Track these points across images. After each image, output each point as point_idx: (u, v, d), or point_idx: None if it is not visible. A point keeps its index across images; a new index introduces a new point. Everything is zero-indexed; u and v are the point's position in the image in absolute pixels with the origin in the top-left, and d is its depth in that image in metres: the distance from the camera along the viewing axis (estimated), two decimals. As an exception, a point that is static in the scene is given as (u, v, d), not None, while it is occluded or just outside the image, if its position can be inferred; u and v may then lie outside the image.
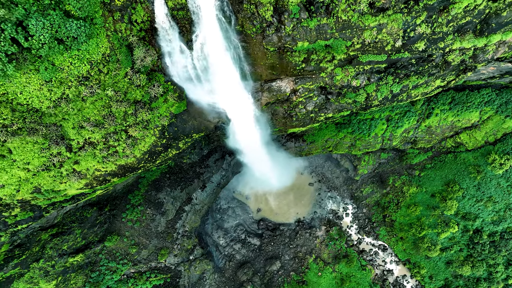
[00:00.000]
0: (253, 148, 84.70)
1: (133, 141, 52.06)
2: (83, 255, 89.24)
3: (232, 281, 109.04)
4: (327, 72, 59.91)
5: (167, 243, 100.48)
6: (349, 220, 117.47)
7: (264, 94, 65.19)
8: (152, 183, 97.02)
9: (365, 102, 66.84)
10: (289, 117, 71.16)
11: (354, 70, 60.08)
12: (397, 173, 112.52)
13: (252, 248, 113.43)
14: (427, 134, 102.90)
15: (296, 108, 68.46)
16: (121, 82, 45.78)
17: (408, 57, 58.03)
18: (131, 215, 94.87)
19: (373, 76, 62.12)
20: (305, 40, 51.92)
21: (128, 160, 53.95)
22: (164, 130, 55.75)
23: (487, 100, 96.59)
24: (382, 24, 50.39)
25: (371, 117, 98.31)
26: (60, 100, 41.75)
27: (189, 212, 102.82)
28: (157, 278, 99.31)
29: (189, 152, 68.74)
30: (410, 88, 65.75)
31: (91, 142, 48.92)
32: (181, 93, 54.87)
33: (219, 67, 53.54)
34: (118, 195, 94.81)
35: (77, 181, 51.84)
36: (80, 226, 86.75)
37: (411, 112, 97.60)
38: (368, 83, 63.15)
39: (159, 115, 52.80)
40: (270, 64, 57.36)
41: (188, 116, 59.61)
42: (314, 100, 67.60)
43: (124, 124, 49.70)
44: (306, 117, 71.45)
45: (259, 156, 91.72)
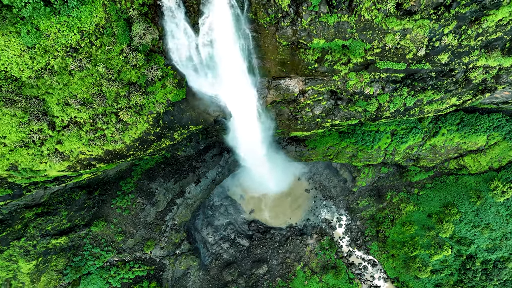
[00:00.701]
0: (253, 148, 78.91)
1: (124, 126, 46.26)
2: (67, 237, 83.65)
3: (216, 280, 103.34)
4: (340, 76, 54.09)
5: (155, 235, 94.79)
6: (341, 231, 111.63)
7: (271, 92, 59.34)
8: (146, 172, 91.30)
9: (376, 113, 60.95)
10: (294, 119, 65.14)
11: (369, 77, 54.19)
12: (395, 189, 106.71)
13: (240, 249, 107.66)
14: (431, 153, 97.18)
15: (302, 110, 62.54)
16: (115, 59, 39.96)
17: (428, 69, 52.19)
18: (121, 202, 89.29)
19: (388, 85, 56.27)
20: (322, 38, 46.15)
21: (117, 146, 48.14)
22: (158, 118, 49.89)
23: (496, 125, 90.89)
24: (407, 29, 44.61)
25: (376, 129, 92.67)
26: (43, 70, 36.03)
27: (180, 206, 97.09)
28: (140, 269, 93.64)
29: (184, 144, 62.78)
30: (424, 103, 59.88)
31: (77, 122, 43.16)
32: (181, 80, 49.02)
33: (226, 57, 47.74)
34: (110, 180, 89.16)
35: (59, 163, 46.08)
36: (67, 208, 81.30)
37: (418, 128, 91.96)
38: (382, 93, 57.30)
39: (154, 100, 46.94)
40: (281, 60, 51.55)
41: (186, 105, 53.74)
42: (323, 104, 61.66)
43: (115, 106, 43.88)
44: (311, 121, 65.47)
45: (258, 156, 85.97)
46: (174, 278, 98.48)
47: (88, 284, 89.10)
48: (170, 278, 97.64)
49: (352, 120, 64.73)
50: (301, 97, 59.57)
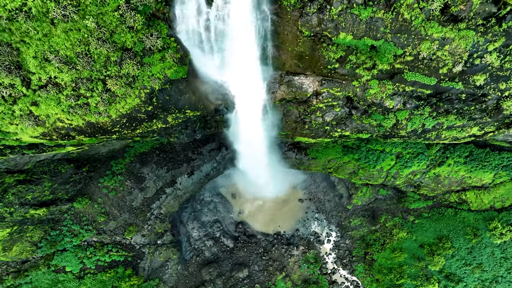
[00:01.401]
0: (253, 147, 71.19)
1: (111, 97, 38.73)
2: (47, 210, 76.39)
3: (194, 277, 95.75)
4: (361, 82, 46.68)
5: (138, 221, 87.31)
6: (329, 247, 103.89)
7: (282, 87, 51.76)
8: (139, 155, 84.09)
9: (391, 130, 53.38)
10: (301, 123, 57.41)
11: (392, 88, 46.73)
12: (391, 213, 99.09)
13: (223, 249, 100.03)
14: (434, 182, 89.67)
15: (313, 114, 54.88)
16: (109, 16, 32.49)
17: (459, 90, 44.75)
18: (108, 182, 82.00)
19: (410, 101, 48.82)
20: (350, 33, 38.73)
21: (100, 119, 40.58)
22: (152, 95, 42.22)
23: (506, 165, 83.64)
24: (447, 39, 37.16)
25: (382, 149, 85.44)
26: (18, 12, 28.35)
27: (169, 195, 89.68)
28: (118, 254, 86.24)
29: (179, 130, 55.03)
30: (443, 128, 52.41)
31: (57, 83, 35.67)
32: (184, 56, 41.38)
33: (238, 38, 40.07)
34: (101, 158, 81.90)
35: (32, 127, 38.55)
36: (51, 179, 74.21)
37: (424, 155, 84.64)
38: (402, 108, 49.78)
39: (150, 74, 39.31)
40: (299, 53, 44.11)
41: (186, 87, 46.04)
42: (336, 111, 54.02)
43: (103, 73, 36.36)
44: (320, 128, 57.82)
45: (257, 157, 78.41)
46: (151, 268, 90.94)
47: (61, 261, 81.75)
48: (147, 268, 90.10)
49: (364, 134, 57.01)
50: (314, 99, 51.96)
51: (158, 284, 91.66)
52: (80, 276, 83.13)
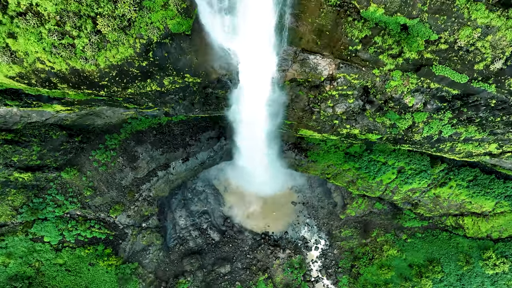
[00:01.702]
0: (253, 137, 64.55)
1: (101, 42, 32.81)
2: (33, 175, 70.64)
3: (174, 265, 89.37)
4: (382, 71, 40.68)
5: (125, 200, 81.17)
6: (316, 255, 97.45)
7: (295, 66, 45.75)
8: (136, 133, 78.29)
9: (404, 133, 47.27)
10: (309, 112, 51.17)
11: (416, 83, 40.52)
12: (384, 229, 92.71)
13: (209, 242, 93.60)
14: (432, 203, 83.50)
15: (323, 103, 48.73)
16: None
17: (490, 94, 38.62)
18: (100, 156, 76.29)
19: (432, 102, 42.87)
20: (382, 6, 32.92)
21: (86, 66, 34.56)
22: (149, 48, 36.13)
23: (509, 195, 77.95)
24: (492, 28, 31.33)
25: (384, 161, 79.63)
26: None
27: (160, 179, 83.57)
28: (100, 231, 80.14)
29: (175, 100, 48.46)
30: (460, 139, 46.46)
31: (39, 12, 29.18)
32: (190, 8, 35.44)
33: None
34: (96, 130, 76.36)
35: (8, 64, 32.15)
36: (40, 144, 68.69)
37: (427, 173, 78.73)
38: (421, 110, 43.38)
39: (149, 21, 33.22)
40: (319, 27, 38.46)
41: (188, 46, 39.86)
42: (349, 103, 47.99)
43: (94, 9, 30.51)
44: (328, 122, 51.67)
45: (256, 150, 72.07)
46: (132, 251, 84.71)
47: (40, 230, 75.92)
48: (128, 250, 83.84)
49: (374, 134, 50.76)
50: (327, 84, 46.07)
51: (137, 268, 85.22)
52: (57, 248, 77.38)
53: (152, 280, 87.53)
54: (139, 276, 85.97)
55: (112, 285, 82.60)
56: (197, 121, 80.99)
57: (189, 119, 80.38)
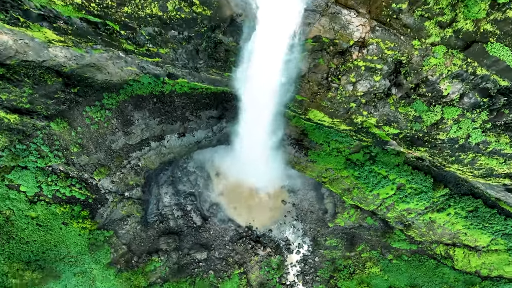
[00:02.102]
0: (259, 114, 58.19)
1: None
2: (20, 119, 65.75)
3: (150, 242, 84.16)
4: (424, 44, 34.60)
5: (112, 165, 76.14)
6: (296, 259, 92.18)
7: (323, 20, 39.26)
8: (136, 97, 73.41)
9: (428, 130, 41.42)
10: (326, 88, 44.83)
11: (460, 65, 34.34)
12: (370, 245, 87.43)
13: (190, 225, 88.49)
14: (426, 227, 78.45)
15: (345, 75, 42.05)
16: None
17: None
18: (94, 114, 71.38)
19: (472, 94, 36.90)
20: None
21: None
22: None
23: (508, 233, 73.81)
24: None
25: (386, 174, 74.83)
26: None
27: (152, 150, 78.59)
28: (80, 191, 75.05)
29: (179, 40, 41.86)
30: (486, 151, 40.40)
31: None
32: None
33: None
34: (94, 85, 71.57)
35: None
36: (33, 87, 64.07)
37: (427, 195, 73.92)
38: (454, 104, 37.24)
39: None
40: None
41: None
42: (374, 81, 41.58)
43: None
44: (344, 104, 45.40)
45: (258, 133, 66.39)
46: (109, 218, 79.82)
47: (18, 178, 70.74)
48: (105, 216, 78.88)
49: (392, 127, 44.78)
50: (356, 51, 39.69)
51: (111, 237, 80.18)
52: (32, 201, 72.39)
53: (124, 252, 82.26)
54: (112, 245, 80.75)
55: (82, 249, 77.45)
56: (201, 97, 75.77)
57: (193, 93, 75.17)
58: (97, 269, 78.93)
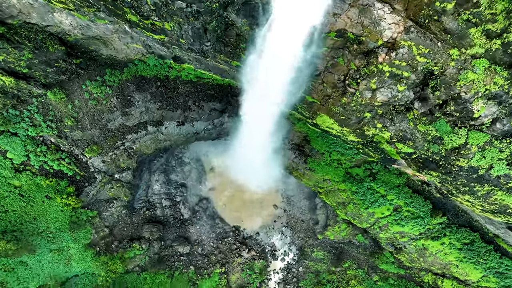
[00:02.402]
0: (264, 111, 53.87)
1: None
2: (16, 82, 62.46)
3: (133, 228, 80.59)
4: (463, 55, 29.99)
5: (105, 144, 72.56)
6: (280, 266, 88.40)
7: (351, 12, 34.16)
8: (139, 78, 69.72)
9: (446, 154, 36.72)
10: (341, 92, 39.99)
11: (500, 85, 29.91)
12: (357, 263, 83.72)
13: (177, 216, 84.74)
14: (417, 253, 74.74)
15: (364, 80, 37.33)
16: None
17: None
18: (94, 89, 67.82)
19: (506, 121, 32.28)
20: None
21: None
22: None
23: (501, 272, 69.90)
24: None
25: (384, 194, 71.37)
26: None
27: (149, 134, 74.90)
28: (69, 166, 71.39)
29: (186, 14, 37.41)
30: (507, 185, 35.77)
31: None
32: None
33: None
34: (98, 59, 68.12)
35: None
36: (34, 51, 60.87)
37: (423, 221, 70.62)
38: (485, 128, 32.78)
39: None
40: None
41: None
42: (398, 90, 36.40)
43: None
44: (357, 112, 40.50)
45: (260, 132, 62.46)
46: (95, 198, 76.10)
47: (6, 144, 67.55)
48: (91, 195, 75.21)
49: (406, 146, 40.13)
50: (382, 53, 34.82)
51: (94, 217, 76.69)
52: (18, 169, 68.98)
53: (106, 235, 78.52)
54: (94, 226, 77.00)
55: (63, 225, 73.73)
56: (206, 88, 72.04)
57: (199, 83, 71.41)
58: (75, 248, 75.17)
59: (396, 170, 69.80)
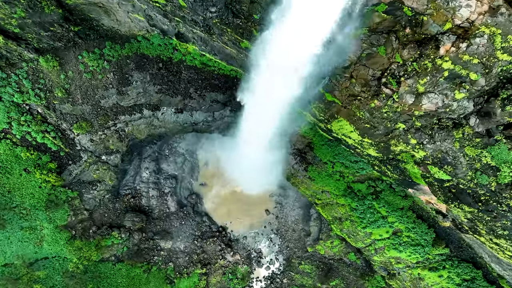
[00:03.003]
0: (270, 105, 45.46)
1: None
2: (4, 42, 56.71)
3: (115, 215, 73.65)
4: None
5: (96, 122, 65.55)
6: (264, 274, 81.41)
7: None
8: (140, 56, 62.70)
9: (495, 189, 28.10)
10: (373, 92, 29.62)
11: None
12: (345, 283, 76.75)
13: (162, 208, 77.64)
14: (411, 283, 67.95)
15: (410, 79, 27.27)
16: None
17: None
18: (91, 61, 60.80)
19: None
20: None
21: None
22: None
23: None
24: None
25: (385, 215, 64.32)
26: None
27: (144, 118, 67.84)
28: (54, 141, 64.80)
29: None
30: None
31: None
32: None
33: None
34: (99, 29, 61.25)
35: None
36: (27, 10, 56.85)
37: (423, 250, 63.55)
38: None
39: None
40: None
41: None
42: (453, 98, 26.59)
43: None
44: (388, 121, 30.19)
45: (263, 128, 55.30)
46: (77, 178, 69.28)
47: (-12, 107, 59.16)
48: (74, 175, 68.17)
49: (442, 171, 30.76)
50: (448, 41, 24.72)
51: (75, 199, 69.70)
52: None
53: (84, 219, 71.25)
54: (73, 207, 69.72)
55: (39, 203, 66.50)
56: (210, 76, 64.96)
57: (204, 70, 64.30)
58: (49, 229, 67.83)
59: (402, 191, 62.67)
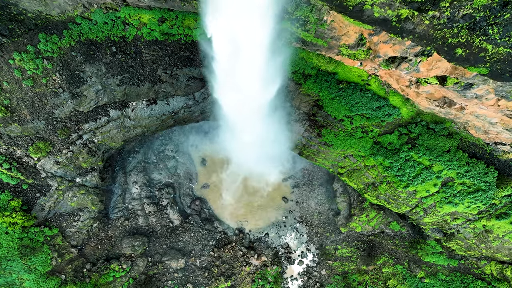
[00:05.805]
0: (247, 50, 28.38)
1: None
2: None
3: (110, 244, 54.57)
4: None
5: (56, 139, 46.66)
6: (298, 271, 62.18)
7: None
8: (87, 43, 44.79)
9: None
10: None
11: None
12: (394, 258, 57.27)
13: (165, 224, 58.43)
14: (476, 239, 48.79)
15: None
16: None
17: None
18: (26, 64, 42.62)
19: None
20: None
21: None
22: None
23: None
24: None
25: (429, 164, 46.22)
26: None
27: (113, 121, 48.91)
28: (9, 173, 46.74)
29: None
30: None
31: None
32: None
33: None
34: (24, 20, 43.19)
35: None
36: None
37: (485, 195, 45.10)
38: None
39: None
40: None
41: None
42: None
43: None
44: None
45: (246, 83, 37.12)
46: (53, 212, 50.01)
47: None
48: (47, 209, 49.46)
49: None
50: None
51: (55, 237, 51.21)
52: None
53: (73, 258, 52.18)
54: (55, 248, 50.73)
55: (10, 252, 47.74)
56: (177, 48, 46.50)
57: (167, 42, 45.76)
58: (31, 280, 48.67)
59: (445, 130, 43.85)
